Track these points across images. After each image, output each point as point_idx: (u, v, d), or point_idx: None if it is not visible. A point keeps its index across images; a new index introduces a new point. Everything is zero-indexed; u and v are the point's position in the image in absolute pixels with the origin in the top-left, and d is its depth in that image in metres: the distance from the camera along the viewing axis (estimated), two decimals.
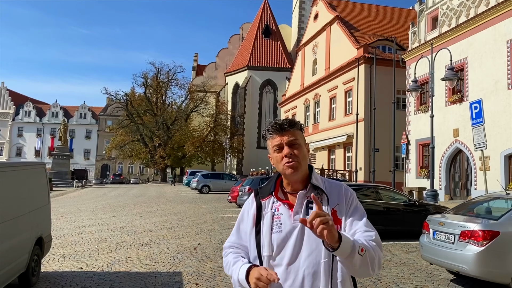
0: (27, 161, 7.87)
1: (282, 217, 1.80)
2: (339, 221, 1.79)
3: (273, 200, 1.85)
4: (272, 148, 1.85)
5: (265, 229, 1.80)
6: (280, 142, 1.82)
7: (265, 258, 1.77)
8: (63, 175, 42.67)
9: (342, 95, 32.61)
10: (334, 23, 35.19)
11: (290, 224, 1.77)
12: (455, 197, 21.16)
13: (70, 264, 7.73)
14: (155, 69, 57.38)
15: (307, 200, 1.80)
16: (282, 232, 1.77)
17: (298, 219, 1.71)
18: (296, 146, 1.82)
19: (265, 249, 1.77)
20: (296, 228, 1.76)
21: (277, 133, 1.83)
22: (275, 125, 1.84)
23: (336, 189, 1.86)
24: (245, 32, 67.07)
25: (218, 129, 56.40)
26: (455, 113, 21.07)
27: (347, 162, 31.94)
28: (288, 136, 1.82)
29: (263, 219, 1.82)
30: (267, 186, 1.92)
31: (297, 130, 1.85)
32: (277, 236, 1.77)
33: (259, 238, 1.80)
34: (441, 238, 6.52)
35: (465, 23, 20.54)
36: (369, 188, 12.02)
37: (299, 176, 1.83)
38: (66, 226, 12.88)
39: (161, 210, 18.20)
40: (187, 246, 9.51)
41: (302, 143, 1.85)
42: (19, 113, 78.20)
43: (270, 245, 1.77)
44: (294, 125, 1.85)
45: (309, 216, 1.53)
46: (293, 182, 1.85)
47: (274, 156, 1.85)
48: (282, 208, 1.82)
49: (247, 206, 1.95)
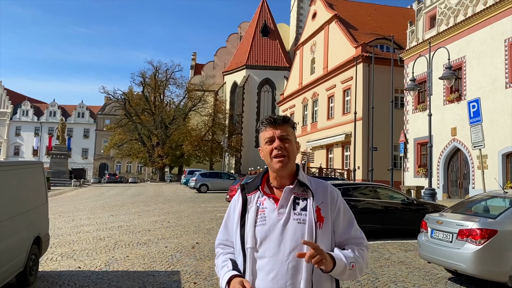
0: (24, 160, 7.87)
1: (266, 210, 1.85)
2: (322, 218, 1.84)
3: (259, 195, 1.90)
4: (263, 140, 1.92)
5: (249, 222, 1.84)
6: (272, 135, 1.89)
7: (249, 250, 1.81)
8: (61, 174, 42.62)
9: (340, 94, 32.62)
10: (332, 22, 35.19)
11: (274, 217, 1.82)
12: (453, 196, 21.20)
13: (68, 263, 7.71)
14: (153, 68, 57.34)
15: (293, 195, 1.86)
16: (265, 225, 1.82)
17: (283, 212, 1.82)
18: (287, 141, 1.88)
19: (249, 241, 1.82)
20: (280, 221, 1.81)
21: (270, 126, 1.90)
22: (270, 119, 1.92)
23: (321, 188, 1.92)
24: (243, 31, 67.03)
25: (216, 128, 56.40)
26: (453, 112, 21.11)
27: (345, 161, 31.96)
28: (280, 130, 1.89)
29: (248, 213, 1.87)
30: (253, 181, 1.97)
31: (290, 127, 1.93)
32: (261, 229, 1.82)
33: (243, 231, 1.85)
34: (439, 236, 6.53)
35: (463, 22, 20.57)
36: (367, 187, 12.02)
37: (287, 171, 1.89)
38: (64, 225, 12.86)
39: (159, 209, 18.19)
40: (185, 245, 9.50)
41: (293, 139, 1.92)
42: (16, 112, 78.05)
43: (253, 237, 1.81)
44: (287, 122, 1.92)
45: (306, 255, 1.66)
46: (280, 177, 1.90)
47: (264, 148, 1.91)
48: (267, 202, 1.87)
49: (233, 202, 2.00)
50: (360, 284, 6.32)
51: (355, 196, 10.81)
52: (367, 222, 9.94)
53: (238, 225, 1.89)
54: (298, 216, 1.81)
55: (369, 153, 26.69)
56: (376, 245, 9.50)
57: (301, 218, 1.81)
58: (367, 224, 9.65)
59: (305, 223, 1.80)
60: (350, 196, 10.52)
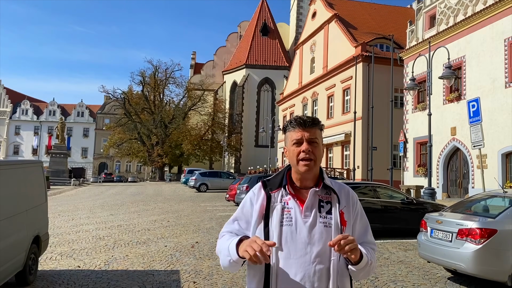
0: (24, 159, 7.86)
1: (292, 211, 1.82)
2: (345, 222, 1.84)
3: (282, 193, 1.87)
4: (290, 141, 1.88)
5: (274, 221, 1.81)
6: (301, 137, 1.85)
7: (274, 250, 1.77)
8: (60, 174, 42.62)
9: (340, 93, 32.61)
10: (332, 22, 35.17)
11: (300, 218, 1.80)
12: (453, 195, 21.21)
13: (68, 262, 7.71)
14: (153, 67, 57.39)
15: (318, 198, 1.85)
16: (292, 225, 1.80)
17: (309, 215, 1.81)
18: (315, 145, 1.86)
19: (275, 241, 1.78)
20: (306, 223, 1.80)
21: (300, 128, 1.86)
22: (299, 120, 1.88)
23: (344, 192, 1.91)
24: (243, 30, 67.02)
25: (216, 127, 56.40)
26: (452, 111, 21.11)
27: (345, 161, 31.96)
28: (309, 132, 1.86)
29: (272, 211, 1.83)
30: (275, 179, 1.93)
31: (318, 130, 1.90)
32: (287, 229, 1.79)
33: (268, 230, 1.81)
34: (439, 236, 6.53)
35: (463, 22, 20.56)
36: (367, 186, 12.02)
37: (312, 174, 1.87)
38: (64, 224, 12.85)
39: (159, 208, 18.18)
40: (185, 244, 9.50)
41: (320, 143, 1.89)
42: (16, 111, 77.98)
43: (279, 237, 1.79)
44: (317, 124, 1.89)
45: (334, 238, 1.69)
46: (305, 178, 1.88)
47: (291, 149, 1.88)
48: (292, 202, 1.84)
49: (250, 198, 1.94)
50: (360, 283, 6.32)
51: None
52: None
53: (261, 223, 1.84)
54: (324, 219, 1.80)
55: (368, 152, 26.68)
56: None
57: (327, 221, 1.80)
58: None
59: (331, 226, 1.79)
60: None
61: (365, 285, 6.31)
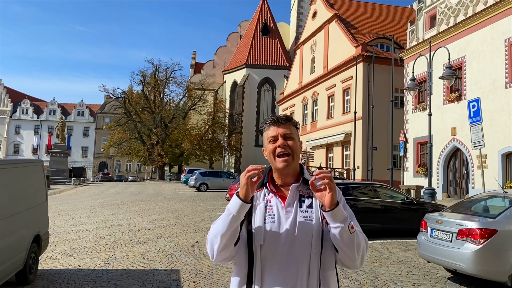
0: (24, 159, 7.83)
1: (274, 208, 1.85)
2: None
3: (265, 192, 1.90)
4: (267, 140, 1.93)
5: (258, 219, 1.84)
6: (275, 133, 1.90)
7: (257, 247, 1.81)
8: (60, 173, 42.60)
9: (340, 93, 32.62)
10: (332, 21, 35.17)
11: (283, 215, 1.83)
12: (453, 196, 21.22)
13: (68, 261, 7.71)
14: (153, 66, 57.35)
15: (299, 193, 1.88)
16: (275, 222, 1.82)
17: (290, 210, 1.82)
18: (290, 139, 1.90)
19: (258, 239, 1.81)
20: (288, 219, 1.82)
21: (274, 125, 1.92)
22: (272, 118, 1.94)
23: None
24: (244, 30, 66.98)
25: (216, 127, 56.37)
26: (453, 111, 21.11)
27: (345, 161, 31.96)
28: (284, 129, 1.91)
29: (255, 210, 1.86)
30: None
31: (293, 126, 1.95)
32: (271, 226, 1.82)
33: (250, 227, 1.84)
34: (439, 236, 6.54)
35: (463, 22, 20.56)
36: (367, 186, 12.02)
37: (291, 169, 1.90)
38: (64, 223, 12.86)
39: (159, 208, 18.18)
40: (185, 244, 9.51)
41: (296, 138, 1.93)
42: (16, 111, 77.99)
43: (263, 234, 1.81)
44: (290, 121, 1.94)
45: (314, 174, 1.72)
46: (284, 175, 1.91)
47: (268, 147, 1.92)
48: (274, 200, 1.87)
49: None
50: (360, 284, 6.33)
51: (355, 195, 10.81)
52: (367, 221, 9.92)
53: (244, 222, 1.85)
54: (304, 213, 1.82)
55: (368, 152, 26.68)
56: (375, 245, 9.50)
57: (308, 215, 1.82)
58: (367, 223, 9.63)
59: (312, 220, 1.81)
60: (349, 195, 10.51)
61: (365, 285, 6.32)
